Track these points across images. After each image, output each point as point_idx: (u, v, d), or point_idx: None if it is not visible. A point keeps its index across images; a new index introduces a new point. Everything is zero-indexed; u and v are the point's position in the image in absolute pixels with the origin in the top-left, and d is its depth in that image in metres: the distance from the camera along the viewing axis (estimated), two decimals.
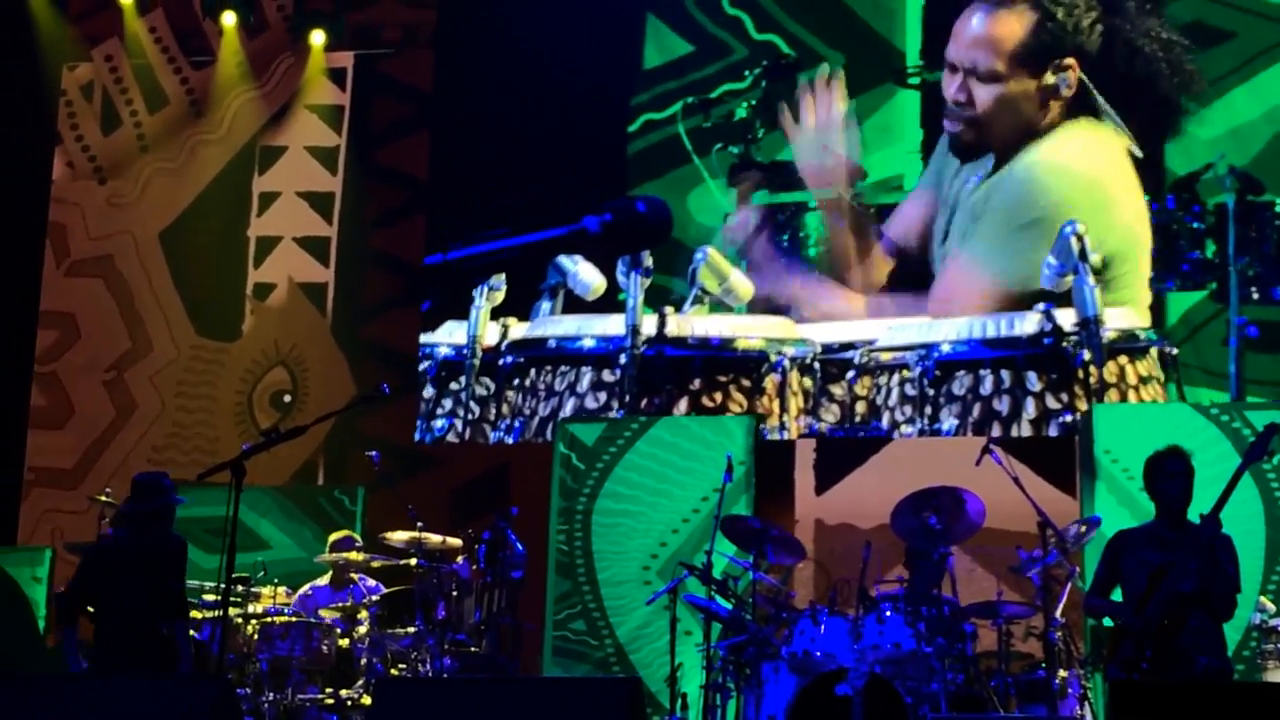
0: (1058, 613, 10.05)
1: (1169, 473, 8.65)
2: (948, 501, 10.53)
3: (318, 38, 15.44)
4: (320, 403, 14.51)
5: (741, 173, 14.11)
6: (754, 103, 14.29)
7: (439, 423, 13.92)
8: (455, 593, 11.41)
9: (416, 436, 14.09)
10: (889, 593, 10.43)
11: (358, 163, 15.42)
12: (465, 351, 13.80)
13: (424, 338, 14.15)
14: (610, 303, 13.74)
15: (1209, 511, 8.29)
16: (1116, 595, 8.90)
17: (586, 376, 13.56)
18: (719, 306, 13.79)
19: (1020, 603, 10.59)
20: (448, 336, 14.01)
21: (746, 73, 14.36)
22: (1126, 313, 12.86)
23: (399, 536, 11.81)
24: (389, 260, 15.12)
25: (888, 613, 9.98)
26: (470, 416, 13.79)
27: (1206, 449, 10.38)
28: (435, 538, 11.72)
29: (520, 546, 11.76)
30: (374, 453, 12.20)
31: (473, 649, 11.33)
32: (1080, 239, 12.50)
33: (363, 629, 11.39)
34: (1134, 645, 8.32)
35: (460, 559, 11.76)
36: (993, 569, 11.86)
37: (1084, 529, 10.32)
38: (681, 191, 14.11)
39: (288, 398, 15.06)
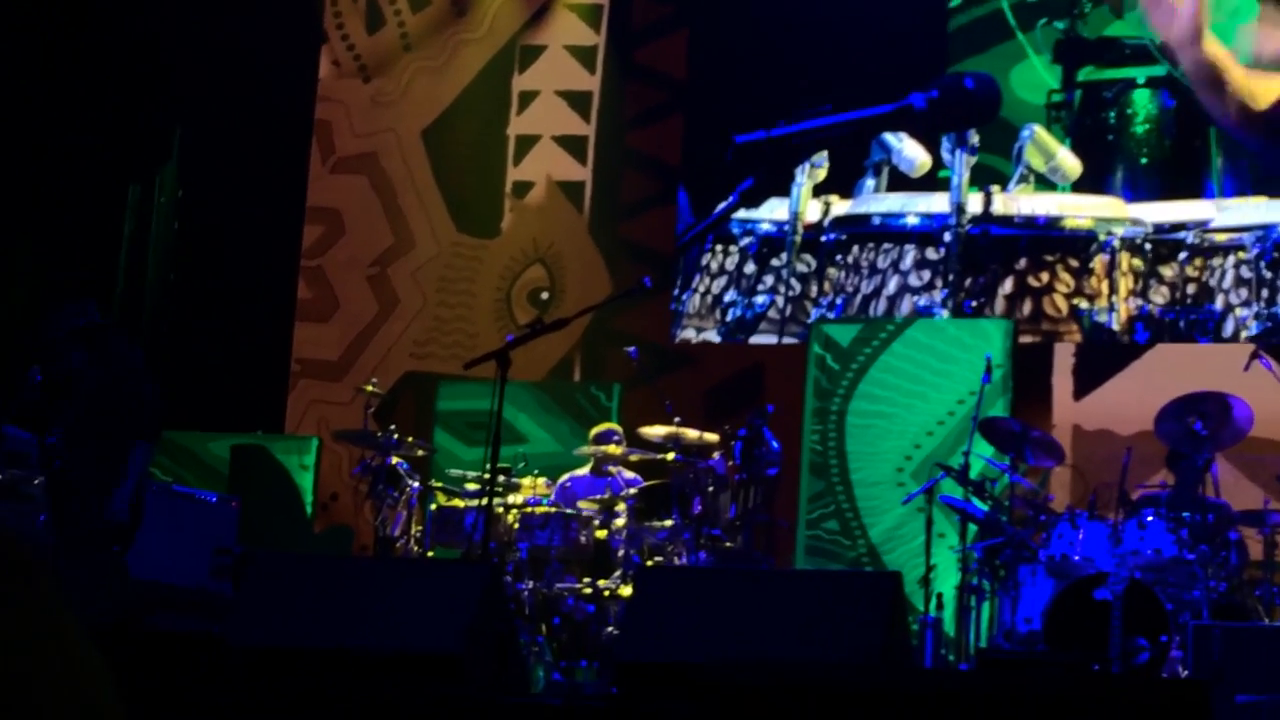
0: None
1: None
2: (1214, 407, 10.36)
3: None
4: (577, 301, 14.57)
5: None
6: None
7: (760, 299, 13.87)
8: (711, 488, 11.47)
9: (735, 313, 14.01)
10: (1150, 494, 10.31)
11: (616, 62, 15.45)
12: (787, 228, 13.75)
13: (745, 214, 13.87)
14: (933, 181, 13.57)
15: None
16: None
17: (910, 255, 13.39)
18: (1044, 184, 13.49)
19: None
20: (769, 213, 13.86)
21: None
22: None
23: (656, 431, 11.91)
24: (646, 160, 15.14)
25: (1149, 518, 9.88)
26: (791, 293, 13.76)
27: None
28: (692, 433, 11.74)
29: (776, 444, 11.75)
30: (632, 349, 12.30)
31: (728, 544, 11.39)
32: None
33: (620, 521, 11.50)
34: None
35: (716, 455, 11.82)
36: (1258, 478, 11.61)
37: None
38: (1004, 68, 13.63)
39: (545, 295, 15.21)
